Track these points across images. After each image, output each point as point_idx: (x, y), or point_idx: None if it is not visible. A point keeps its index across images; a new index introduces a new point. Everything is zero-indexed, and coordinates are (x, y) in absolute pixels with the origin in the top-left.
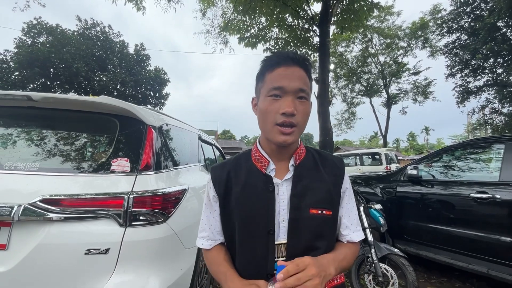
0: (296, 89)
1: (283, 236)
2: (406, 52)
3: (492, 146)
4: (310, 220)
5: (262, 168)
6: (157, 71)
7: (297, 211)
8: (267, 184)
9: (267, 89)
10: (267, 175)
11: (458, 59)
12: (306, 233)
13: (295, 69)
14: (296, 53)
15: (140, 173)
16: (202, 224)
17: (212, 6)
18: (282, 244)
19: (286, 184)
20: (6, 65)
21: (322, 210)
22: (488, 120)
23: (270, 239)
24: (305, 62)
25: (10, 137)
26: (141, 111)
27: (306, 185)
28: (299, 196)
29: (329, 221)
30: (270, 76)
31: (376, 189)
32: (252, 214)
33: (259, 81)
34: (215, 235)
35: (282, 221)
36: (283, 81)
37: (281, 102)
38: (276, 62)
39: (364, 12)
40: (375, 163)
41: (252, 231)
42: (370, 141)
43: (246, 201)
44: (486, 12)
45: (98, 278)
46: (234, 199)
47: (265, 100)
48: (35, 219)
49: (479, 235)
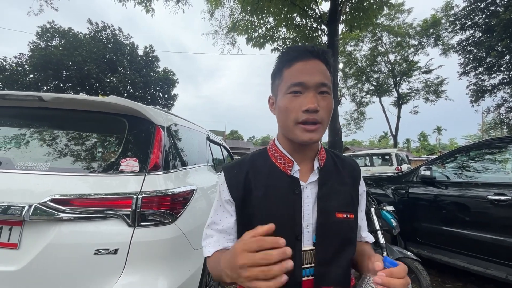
0: (317, 84)
1: (307, 241)
2: (417, 50)
3: (510, 146)
4: (337, 224)
5: (286, 169)
6: (165, 72)
7: (325, 215)
8: (293, 187)
9: (286, 85)
10: (293, 176)
11: (472, 57)
12: (334, 238)
13: (315, 63)
14: (315, 46)
15: (149, 173)
16: (208, 231)
17: (220, 7)
18: (308, 251)
19: (311, 187)
20: (21, 68)
21: (347, 214)
22: (504, 120)
23: (297, 245)
24: (324, 55)
25: (22, 137)
26: (150, 111)
27: (331, 188)
28: (326, 200)
29: (353, 225)
30: (289, 72)
31: (387, 190)
32: (277, 219)
33: (276, 78)
34: (225, 244)
35: (306, 226)
36: (303, 76)
37: (303, 98)
38: (294, 57)
39: (373, 10)
40: (385, 164)
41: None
42: (379, 141)
43: (270, 205)
44: (502, 8)
45: (107, 278)
46: (255, 203)
47: (285, 98)
48: (45, 219)
49: (498, 239)
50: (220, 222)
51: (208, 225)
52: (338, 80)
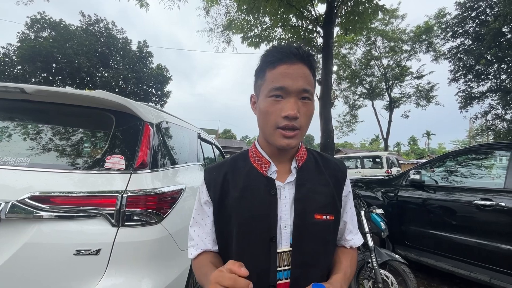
0: (299, 90)
1: (284, 243)
2: (409, 55)
3: (497, 152)
4: (315, 226)
5: (263, 170)
6: (159, 69)
7: (302, 216)
8: (269, 187)
9: (267, 88)
10: (269, 177)
11: (462, 64)
12: (312, 240)
13: (299, 66)
14: (300, 48)
15: (135, 171)
16: (191, 232)
17: (216, 5)
18: (285, 252)
19: (289, 187)
20: (9, 59)
21: (326, 215)
22: (491, 126)
23: (273, 247)
24: (309, 58)
25: (1, 130)
26: (139, 107)
27: (310, 189)
28: (303, 201)
29: (332, 226)
30: (271, 74)
31: (377, 193)
32: (253, 220)
33: (259, 78)
34: (206, 245)
35: (284, 227)
36: (285, 81)
37: (283, 104)
38: (278, 59)
39: (368, 15)
40: (376, 166)
41: (252, 239)
42: (371, 144)
43: (245, 205)
44: (492, 18)
45: (88, 280)
46: (231, 204)
47: (266, 101)
48: (23, 217)
49: (482, 243)
50: (201, 222)
51: (191, 226)
52: (332, 83)
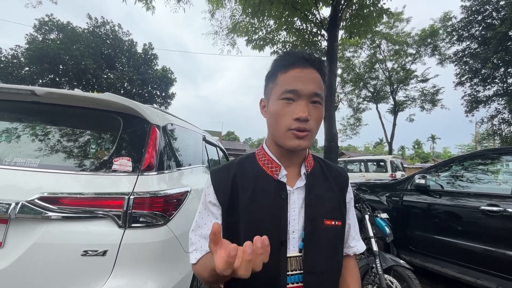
0: (310, 93)
1: (293, 248)
2: (414, 59)
3: (504, 157)
4: (325, 231)
5: (273, 174)
6: (164, 71)
7: (313, 222)
8: (280, 191)
9: (279, 91)
10: (280, 181)
11: (468, 68)
12: (323, 245)
13: (310, 71)
14: (311, 54)
15: (142, 173)
16: (192, 236)
17: (221, 8)
18: (294, 257)
19: (298, 192)
20: (17, 61)
21: (335, 220)
22: (497, 131)
23: (282, 251)
24: (320, 64)
25: (12, 132)
26: (146, 110)
27: (319, 194)
28: (313, 206)
29: (340, 232)
30: (283, 77)
31: (382, 197)
32: (263, 223)
33: (270, 82)
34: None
35: (292, 232)
36: (297, 84)
37: (294, 106)
38: (290, 63)
39: (373, 18)
40: (380, 170)
41: None
42: (375, 147)
43: (256, 208)
44: (498, 21)
45: (94, 280)
46: (241, 207)
47: (277, 103)
48: (32, 217)
49: (489, 250)
50: (204, 226)
51: (192, 230)
52: (336, 86)
